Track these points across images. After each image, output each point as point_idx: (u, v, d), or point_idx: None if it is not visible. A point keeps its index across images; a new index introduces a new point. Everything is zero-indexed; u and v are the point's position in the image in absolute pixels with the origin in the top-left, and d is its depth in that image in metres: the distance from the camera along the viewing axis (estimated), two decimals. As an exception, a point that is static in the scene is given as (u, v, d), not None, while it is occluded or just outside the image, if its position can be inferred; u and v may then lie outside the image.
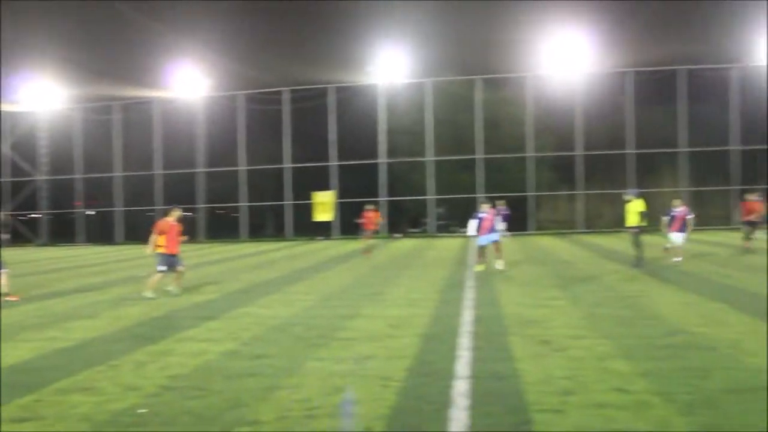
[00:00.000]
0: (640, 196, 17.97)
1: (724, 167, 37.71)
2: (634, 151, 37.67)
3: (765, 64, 35.50)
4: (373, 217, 25.26)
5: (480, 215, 17.60)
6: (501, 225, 17.85)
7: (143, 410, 5.96)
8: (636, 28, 28.37)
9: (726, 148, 37.65)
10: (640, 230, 17.56)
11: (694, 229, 19.62)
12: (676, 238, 18.33)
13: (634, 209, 17.53)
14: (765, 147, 37.17)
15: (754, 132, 37.03)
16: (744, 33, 30.40)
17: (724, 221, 36.24)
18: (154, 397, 6.37)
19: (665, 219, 18.54)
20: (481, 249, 17.54)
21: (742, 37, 31.49)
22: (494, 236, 17.58)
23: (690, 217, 18.66)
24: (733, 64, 36.70)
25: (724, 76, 37.18)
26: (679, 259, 18.01)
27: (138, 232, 37.83)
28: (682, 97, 37.44)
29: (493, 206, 18.49)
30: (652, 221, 18.18)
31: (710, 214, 36.88)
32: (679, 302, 11.37)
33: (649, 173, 37.61)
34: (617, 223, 18.49)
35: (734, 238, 26.74)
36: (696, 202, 37.54)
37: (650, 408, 5.62)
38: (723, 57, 35.39)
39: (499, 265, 17.22)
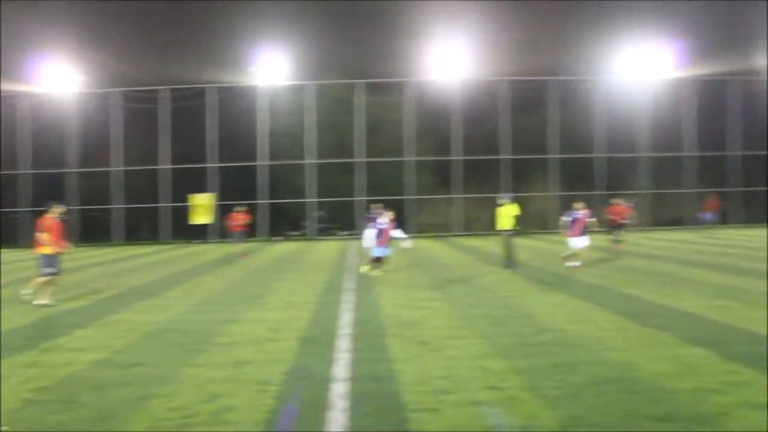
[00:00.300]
0: (513, 200, 18.63)
1: (590, 173, 39.74)
2: (509, 157, 39.03)
3: (626, 76, 37.85)
4: (241, 218, 24.82)
5: (380, 225, 16.70)
6: (398, 233, 16.91)
7: (5, 428, 5.61)
8: (512, 39, 29.52)
9: (592, 155, 39.69)
10: (513, 233, 18.30)
11: (558, 232, 20.33)
12: (577, 242, 17.78)
13: (508, 213, 18.22)
14: (628, 155, 39.65)
15: (617, 140, 39.42)
16: (608, 47, 32.21)
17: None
18: (17, 413, 6.02)
19: (565, 220, 18.17)
20: (377, 259, 16.72)
21: (607, 51, 33.31)
22: (388, 250, 16.88)
23: (591, 220, 18.44)
24: (600, 75, 38.84)
25: (591, 87, 39.31)
26: (577, 264, 17.37)
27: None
28: (553, 106, 39.21)
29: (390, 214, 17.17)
30: (533, 225, 18.72)
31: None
32: (549, 302, 11.88)
33: (523, 178, 39.12)
34: (493, 226, 19.03)
35: (601, 240, 28.23)
36: (566, 206, 39.48)
37: (521, 403, 5.85)
38: (590, 69, 37.38)
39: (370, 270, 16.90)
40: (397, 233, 17.08)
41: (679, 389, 6.18)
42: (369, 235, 17.32)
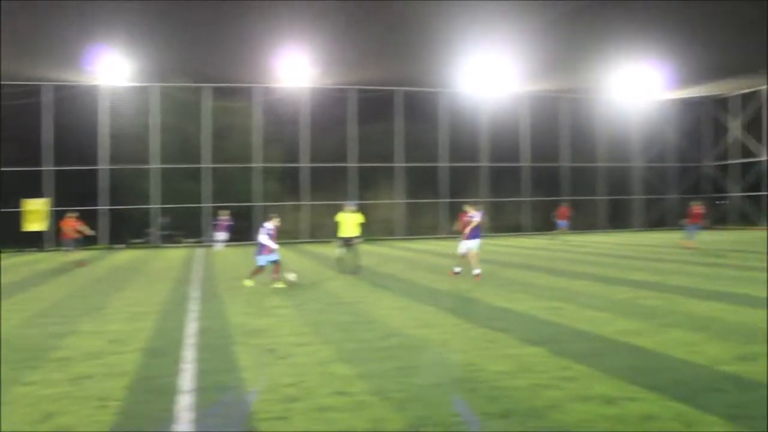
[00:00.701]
0: (358, 208, 19.01)
1: (434, 182, 41.07)
2: (356, 165, 39.50)
3: (470, 89, 39.49)
4: (74, 224, 23.45)
5: (269, 231, 16.05)
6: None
7: None
8: (360, 49, 29.88)
9: (436, 164, 41.03)
10: (358, 240, 18.67)
11: (404, 238, 20.86)
12: (469, 245, 17.22)
13: (354, 220, 18.59)
14: (472, 164, 41.35)
15: (460, 151, 41.06)
16: (451, 61, 33.41)
17: (432, 231, 39.46)
18: None
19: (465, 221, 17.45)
20: (261, 268, 16.05)
21: (451, 65, 34.51)
22: (277, 255, 16.23)
23: (475, 221, 18.07)
24: (443, 88, 40.25)
25: (434, 98, 40.68)
26: (478, 271, 16.51)
27: None
28: (399, 116, 40.12)
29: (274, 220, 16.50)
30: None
31: (421, 225, 40.15)
32: (394, 307, 12.15)
33: (369, 186, 39.78)
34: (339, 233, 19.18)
35: (445, 246, 29.26)
36: (411, 213, 40.63)
37: (368, 408, 5.93)
38: (434, 82, 38.58)
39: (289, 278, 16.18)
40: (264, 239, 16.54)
41: (517, 386, 6.52)
42: (263, 241, 16.21)
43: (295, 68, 34.64)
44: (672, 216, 45.24)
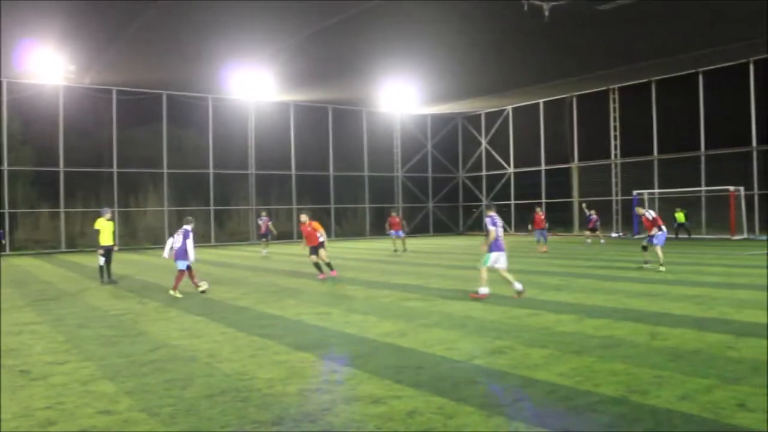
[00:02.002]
0: (112, 216, 18.44)
1: (203, 189, 40.21)
2: (115, 170, 37.19)
3: (236, 96, 39.22)
4: None
5: (189, 231, 15.14)
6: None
7: None
8: (121, 49, 28.37)
9: (205, 171, 40.18)
10: (112, 248, 18.02)
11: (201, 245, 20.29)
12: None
13: (110, 228, 17.93)
14: (240, 172, 41.06)
15: (228, 159, 40.68)
16: (219, 67, 32.88)
17: (203, 239, 38.58)
18: None
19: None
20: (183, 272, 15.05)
21: (213, 72, 33.92)
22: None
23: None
24: (211, 94, 39.52)
25: (204, 104, 39.83)
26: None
27: None
28: (165, 120, 38.61)
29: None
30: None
31: (200, 233, 39.00)
32: (161, 318, 11.76)
33: (133, 192, 38.03)
34: (99, 241, 18.17)
35: (215, 255, 28.74)
36: (180, 220, 39.32)
37: (135, 425, 5.71)
38: (202, 87, 37.74)
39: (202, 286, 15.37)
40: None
41: (288, 392, 6.63)
42: (176, 244, 15.07)
43: (46, 64, 31.57)
44: (426, 223, 48.75)
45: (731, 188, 33.60)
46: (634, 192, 37.91)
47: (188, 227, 15.23)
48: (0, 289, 17.03)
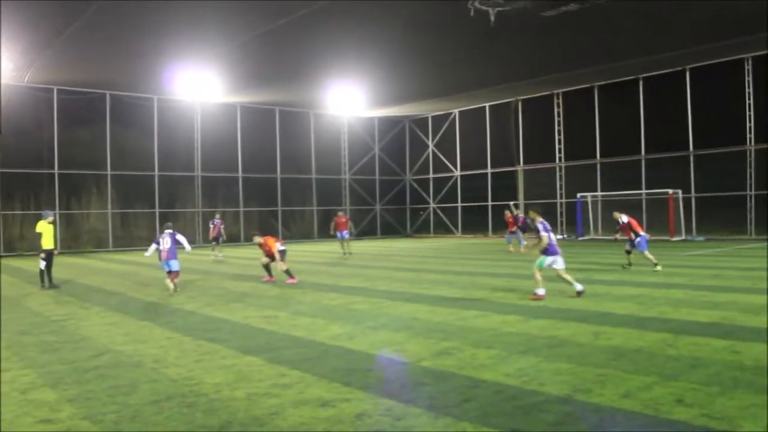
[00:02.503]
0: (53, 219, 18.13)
1: (149, 191, 39.49)
2: (57, 171, 36.18)
3: (181, 97, 38.66)
4: None
5: (174, 233, 16.19)
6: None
7: None
8: (63, 48, 27.70)
9: (150, 173, 39.45)
10: (53, 252, 17.66)
11: (116, 250, 20.03)
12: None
13: (51, 231, 17.57)
14: (187, 174, 40.50)
15: (173, 161, 40.07)
16: (159, 68, 32.38)
17: (147, 243, 37.86)
18: None
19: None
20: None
21: (158, 72, 33.37)
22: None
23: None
24: (156, 95, 38.87)
25: (148, 105, 39.13)
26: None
27: None
28: (108, 121, 37.77)
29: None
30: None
31: (135, 236, 38.40)
32: (104, 323, 11.54)
33: (76, 194, 37.18)
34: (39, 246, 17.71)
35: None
36: (124, 224, 38.66)
37: (78, 432, 5.61)
38: (147, 88, 37.07)
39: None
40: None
41: (235, 397, 6.58)
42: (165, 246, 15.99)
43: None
44: (374, 226, 48.87)
45: (670, 191, 34.51)
46: (578, 195, 38.64)
47: (171, 230, 16.26)
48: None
